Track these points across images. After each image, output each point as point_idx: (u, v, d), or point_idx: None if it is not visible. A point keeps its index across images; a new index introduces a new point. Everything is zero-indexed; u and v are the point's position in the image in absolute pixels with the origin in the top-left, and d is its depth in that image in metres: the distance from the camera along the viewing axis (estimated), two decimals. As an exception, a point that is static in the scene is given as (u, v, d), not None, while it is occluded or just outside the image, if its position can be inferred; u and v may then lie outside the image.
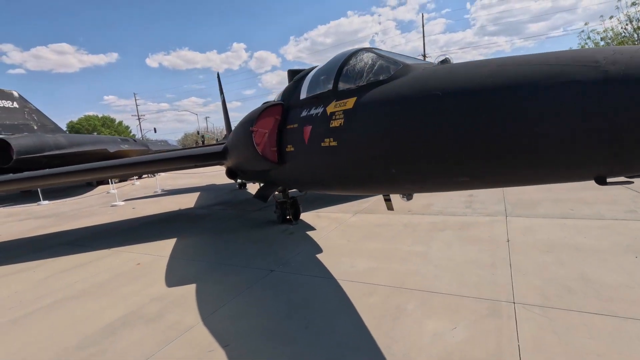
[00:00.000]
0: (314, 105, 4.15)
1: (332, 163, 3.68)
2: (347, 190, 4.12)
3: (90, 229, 9.64)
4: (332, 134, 3.54)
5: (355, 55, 3.82)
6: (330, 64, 4.25)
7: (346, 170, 3.55)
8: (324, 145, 3.69)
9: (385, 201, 4.94)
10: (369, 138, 3.04)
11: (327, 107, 3.77)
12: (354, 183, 3.67)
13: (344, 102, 3.47)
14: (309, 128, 4.06)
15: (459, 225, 6.51)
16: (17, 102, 20.34)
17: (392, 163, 2.84)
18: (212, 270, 5.41)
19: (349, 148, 3.34)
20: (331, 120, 3.58)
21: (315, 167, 4.12)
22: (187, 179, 22.06)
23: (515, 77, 1.98)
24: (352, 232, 6.75)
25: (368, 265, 5.02)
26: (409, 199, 3.81)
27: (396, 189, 3.30)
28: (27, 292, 5.25)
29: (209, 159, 8.20)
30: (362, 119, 3.17)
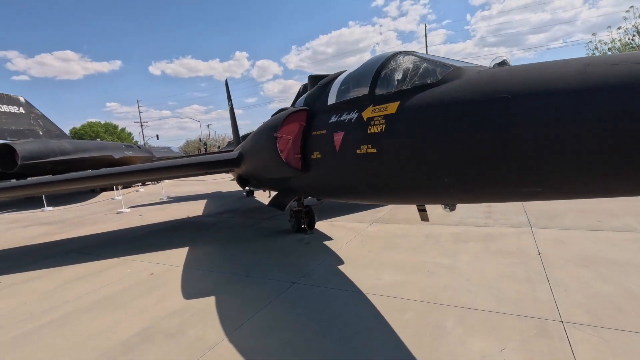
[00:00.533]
0: (346, 110, 3.98)
1: (369, 171, 3.49)
2: (382, 199, 3.92)
3: (97, 236, 9.42)
4: (370, 140, 3.36)
5: (393, 58, 3.67)
6: (364, 68, 4.09)
7: (386, 179, 3.36)
8: (359, 152, 3.50)
9: (419, 211, 4.73)
10: (418, 144, 2.86)
11: (362, 113, 3.60)
12: (394, 192, 3.47)
13: (384, 107, 3.30)
14: (340, 134, 3.88)
15: (483, 236, 6.28)
16: (24, 107, 20.30)
17: (445, 171, 2.65)
18: (230, 282, 5.18)
19: (391, 155, 3.16)
20: (369, 126, 3.40)
21: (347, 174, 3.93)
22: (192, 186, 21.88)
23: (606, 77, 1.81)
24: (372, 242, 6.53)
25: (395, 278, 4.79)
26: (452, 210, 3.61)
27: (444, 198, 3.11)
28: (36, 303, 5.02)
29: (222, 166, 8.02)
30: (408, 124, 2.99)
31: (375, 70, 3.68)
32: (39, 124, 21.04)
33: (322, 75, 5.66)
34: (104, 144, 26.25)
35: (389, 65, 3.64)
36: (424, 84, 3.02)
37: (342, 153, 3.86)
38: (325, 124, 4.37)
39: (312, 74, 6.13)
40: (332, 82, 4.72)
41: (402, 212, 8.88)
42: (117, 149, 25.48)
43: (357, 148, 3.53)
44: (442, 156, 2.64)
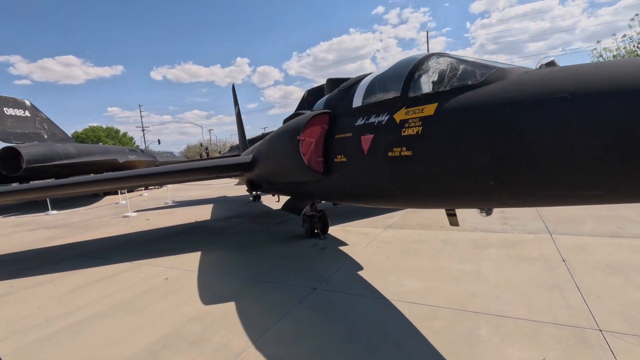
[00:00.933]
0: (375, 113, 3.92)
1: (403, 174, 3.41)
2: (414, 203, 3.83)
3: (106, 240, 9.31)
4: (404, 142, 3.29)
5: (427, 60, 3.61)
6: (395, 70, 4.04)
7: (422, 182, 3.28)
8: (391, 155, 3.42)
9: (448, 216, 4.63)
10: (461, 146, 2.78)
11: (394, 115, 3.53)
12: (429, 195, 3.39)
13: (419, 109, 3.23)
14: (369, 137, 3.81)
15: (502, 242, 6.19)
16: (29, 111, 20.29)
17: (492, 174, 2.57)
18: (248, 287, 5.07)
19: (429, 157, 3.08)
20: (402, 128, 3.33)
21: (377, 178, 3.84)
22: (196, 190, 21.79)
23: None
24: (389, 248, 6.43)
25: (418, 284, 4.69)
26: (488, 214, 3.53)
27: (486, 202, 3.02)
28: (50, 308, 4.91)
29: (235, 170, 7.94)
30: (449, 126, 2.91)
31: (408, 72, 3.62)
32: (44, 127, 21.02)
33: (342, 78, 5.62)
34: (108, 148, 26.22)
35: (422, 67, 3.58)
36: (465, 85, 2.96)
37: (371, 156, 3.79)
38: (350, 126, 4.30)
39: (330, 77, 6.08)
40: (357, 84, 4.66)
41: (415, 217, 8.79)
42: (121, 153, 25.45)
43: (389, 151, 3.46)
44: (490, 159, 2.56)
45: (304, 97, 31.75)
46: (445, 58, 3.45)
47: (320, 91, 29.58)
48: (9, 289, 5.90)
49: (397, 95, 3.67)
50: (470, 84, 2.93)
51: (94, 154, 22.50)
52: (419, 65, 3.61)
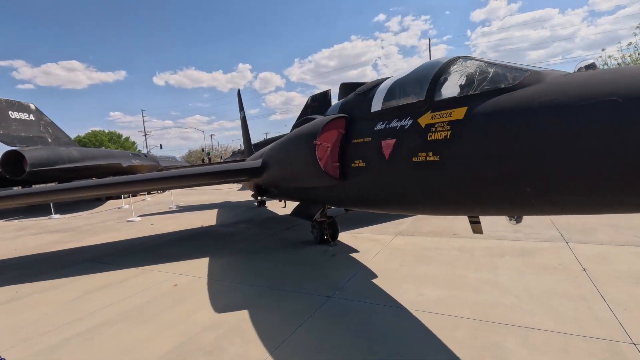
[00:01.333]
0: (396, 117, 3.84)
1: (428, 179, 3.32)
2: (438, 209, 3.72)
3: (111, 245, 9.20)
4: (430, 147, 3.20)
5: (452, 63, 3.54)
6: (418, 73, 3.96)
7: (449, 188, 3.18)
8: (416, 161, 3.33)
9: (471, 223, 4.51)
10: (495, 151, 2.69)
11: (418, 119, 3.45)
12: (457, 202, 3.29)
13: (447, 113, 3.15)
14: (390, 142, 3.73)
15: (517, 250, 6.06)
16: (34, 114, 20.28)
17: (529, 180, 2.47)
18: (261, 295, 4.95)
19: (459, 163, 2.99)
20: (428, 133, 3.25)
21: (399, 184, 3.75)
22: (200, 195, 21.72)
23: None
24: (402, 255, 6.31)
25: (437, 293, 4.56)
26: (518, 222, 3.43)
27: (520, 209, 2.92)
28: (58, 314, 4.79)
29: (244, 175, 7.85)
30: (481, 130, 2.82)
31: (433, 76, 3.55)
32: (48, 131, 21.00)
33: (356, 83, 5.56)
34: (112, 152, 26.20)
35: (448, 71, 3.51)
36: (498, 89, 2.88)
37: (393, 161, 3.70)
38: (369, 131, 4.21)
39: (344, 81, 6.02)
40: (375, 88, 4.59)
41: (425, 224, 8.67)
42: (125, 157, 25.41)
43: (414, 156, 3.37)
44: (529, 164, 2.46)
45: (308, 103, 31.76)
46: (472, 61, 3.38)
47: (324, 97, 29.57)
48: (14, 294, 5.78)
49: (421, 99, 3.59)
50: (503, 87, 2.85)
51: (97, 158, 22.46)
52: (445, 69, 3.54)
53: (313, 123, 5.17)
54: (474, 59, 3.40)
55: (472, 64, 3.34)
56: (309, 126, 5.13)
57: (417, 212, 4.13)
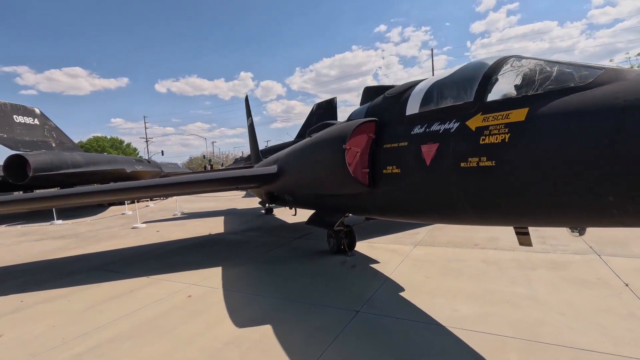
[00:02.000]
0: (438, 120, 3.60)
1: (482, 186, 3.06)
2: (486, 219, 3.44)
3: (117, 252, 8.90)
4: (484, 152, 2.96)
5: (504, 62, 3.31)
6: (462, 74, 3.74)
7: (507, 196, 2.92)
8: (465, 166, 3.09)
9: (517, 234, 4.21)
10: (568, 156, 2.44)
11: (467, 122, 3.22)
12: (512, 211, 3.03)
13: (503, 115, 2.92)
14: (432, 146, 3.49)
15: (549, 263, 5.78)
16: (38, 119, 20.14)
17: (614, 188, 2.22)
18: (282, 308, 4.65)
19: (521, 168, 2.74)
20: (481, 136, 3.01)
21: (443, 191, 3.49)
22: (204, 202, 21.44)
23: None
24: (426, 267, 6.01)
25: (473, 309, 4.27)
26: (581, 234, 3.16)
27: (595, 220, 2.63)
28: (66, 327, 4.49)
29: (259, 181, 7.58)
30: (550, 133, 2.58)
31: (483, 76, 3.33)
32: (53, 135, 20.82)
33: (382, 86, 5.34)
34: (115, 158, 26.00)
35: (500, 70, 3.28)
36: (566, 88, 2.64)
37: (436, 167, 3.45)
38: (405, 135, 3.98)
39: (368, 85, 5.80)
40: (409, 91, 4.36)
41: (442, 234, 8.39)
42: (128, 163, 25.20)
43: (462, 161, 3.13)
44: (614, 169, 2.21)
45: (313, 111, 31.83)
46: (528, 60, 3.16)
47: (330, 104, 29.69)
48: (19, 304, 5.48)
49: (469, 101, 3.36)
50: (572, 86, 2.62)
51: (101, 163, 22.23)
52: (495, 69, 3.31)
53: (341, 126, 4.92)
54: (530, 58, 3.18)
55: (528, 63, 3.12)
56: (336, 130, 4.89)
57: (459, 222, 3.85)
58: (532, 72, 3.01)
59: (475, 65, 3.64)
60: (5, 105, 18.37)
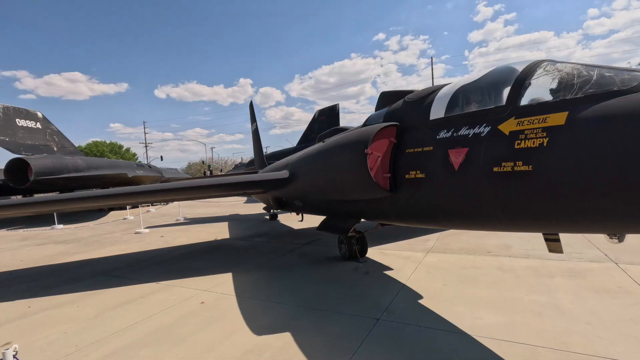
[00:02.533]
0: (467, 124, 3.56)
1: (516, 192, 3.01)
2: (519, 225, 3.37)
3: (123, 257, 8.77)
4: (519, 156, 2.92)
5: (537, 66, 3.29)
6: (492, 78, 3.72)
7: (545, 201, 2.87)
8: (498, 171, 3.05)
9: (547, 241, 4.12)
10: (617, 159, 2.39)
11: (499, 126, 3.18)
12: (550, 217, 2.97)
13: (540, 119, 2.88)
14: (461, 151, 3.44)
15: (566, 271, 5.71)
16: (41, 122, 20.05)
17: None
18: (300, 316, 4.55)
19: (561, 173, 2.69)
20: (516, 141, 2.97)
21: (473, 196, 3.44)
22: (206, 207, 21.31)
23: None
24: (441, 274, 5.94)
25: (495, 318, 4.19)
26: (621, 241, 3.11)
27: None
28: (79, 334, 4.37)
29: (266, 186, 7.51)
30: (594, 137, 2.53)
31: (515, 80, 3.30)
32: (54, 139, 20.72)
33: (401, 91, 5.31)
34: (117, 163, 25.86)
35: (534, 74, 3.25)
36: (608, 91, 2.61)
37: (465, 172, 3.40)
38: (430, 139, 3.94)
39: (384, 90, 5.78)
40: (432, 95, 4.33)
41: (453, 240, 8.33)
42: (130, 167, 25.09)
43: (495, 166, 3.08)
44: None
45: (315, 117, 31.77)
46: (565, 64, 3.13)
47: (332, 111, 29.67)
48: (26, 309, 5.36)
49: (501, 105, 3.32)
50: (615, 89, 2.59)
51: (102, 167, 22.10)
52: (529, 73, 3.28)
53: (361, 130, 4.88)
54: (565, 62, 3.16)
55: (564, 67, 3.09)
56: (356, 134, 4.84)
57: (487, 227, 3.79)
58: (570, 76, 2.98)
59: (505, 69, 3.62)
60: (8, 109, 18.29)
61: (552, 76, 3.14)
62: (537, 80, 3.23)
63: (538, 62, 3.33)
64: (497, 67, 3.79)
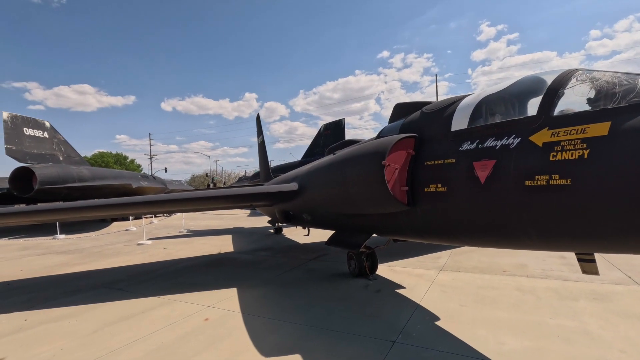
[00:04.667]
0: (493, 135, 3.39)
1: (552, 207, 2.81)
2: (552, 244, 3.14)
3: (124, 269, 8.54)
4: (555, 169, 2.73)
5: (572, 74, 3.14)
6: (519, 88, 3.57)
7: (587, 217, 2.66)
8: (531, 185, 2.85)
9: (581, 262, 3.82)
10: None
11: (531, 137, 3.01)
12: (591, 234, 2.75)
13: (578, 129, 2.70)
14: (487, 163, 3.26)
15: (590, 294, 5.41)
16: (48, 132, 20.16)
17: None
18: (310, 337, 4.28)
19: (606, 187, 2.49)
20: (551, 152, 2.80)
21: (502, 211, 3.23)
22: (208, 220, 21.11)
23: None
24: (456, 294, 5.65)
25: (520, 343, 3.91)
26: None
27: None
28: (76, 350, 4.13)
29: (273, 198, 7.33)
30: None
31: (547, 89, 3.14)
32: (61, 149, 20.78)
33: (416, 102, 5.17)
34: (121, 173, 25.87)
35: (567, 83, 3.10)
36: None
37: (492, 185, 3.21)
38: (452, 151, 3.76)
39: (399, 102, 5.64)
40: (453, 106, 4.18)
41: (465, 259, 8.04)
42: (134, 178, 25.06)
43: (528, 179, 2.89)
44: None
45: (321, 131, 31.73)
46: (602, 72, 2.98)
47: (338, 126, 29.65)
48: (23, 322, 5.12)
49: (532, 115, 3.16)
50: None
51: (107, 178, 22.09)
52: (563, 81, 3.13)
53: (377, 142, 4.71)
54: (602, 71, 3.01)
55: (603, 76, 2.94)
56: (373, 145, 4.66)
57: (515, 245, 3.55)
58: (610, 85, 2.83)
59: (534, 79, 3.47)
60: (16, 118, 18.42)
61: (589, 85, 2.99)
62: (572, 90, 3.08)
63: (572, 71, 3.18)
64: (525, 77, 3.64)
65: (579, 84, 3.06)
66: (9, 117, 17.98)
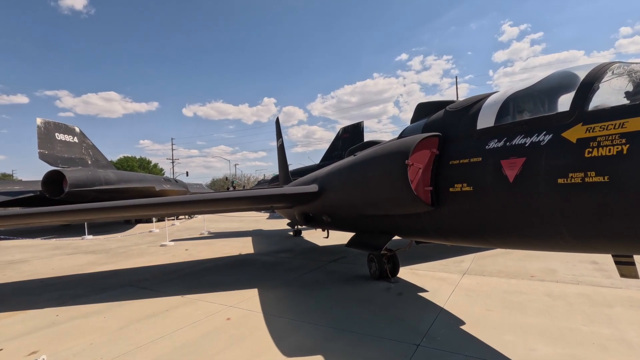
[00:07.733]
0: (522, 132, 3.29)
1: (589, 206, 2.69)
2: (587, 245, 3.00)
3: (149, 269, 8.76)
4: (592, 166, 2.62)
5: (607, 68, 3.02)
6: (550, 83, 3.46)
7: (627, 216, 2.53)
8: (564, 183, 2.74)
9: (618, 264, 3.63)
10: None
11: (563, 133, 2.90)
12: (631, 235, 2.62)
13: (615, 124, 2.59)
14: (516, 161, 3.16)
15: (625, 300, 5.13)
16: (77, 137, 21.04)
17: None
18: (332, 338, 4.25)
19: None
20: (586, 149, 2.68)
21: (533, 211, 3.12)
22: (228, 222, 21.41)
23: None
24: (482, 298, 5.48)
25: (552, 350, 3.74)
26: None
27: None
28: (104, 346, 4.25)
29: (294, 200, 7.37)
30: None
31: (581, 84, 3.02)
32: (89, 153, 21.65)
33: (438, 102, 5.08)
34: (145, 176, 26.67)
35: (602, 77, 2.98)
36: None
37: (523, 184, 3.10)
38: (478, 150, 3.66)
39: (421, 101, 5.57)
40: (478, 103, 4.08)
41: (489, 263, 7.80)
42: (158, 181, 25.80)
43: (561, 177, 2.78)
44: None
45: (339, 135, 31.67)
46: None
47: (356, 129, 29.54)
48: (55, 318, 5.33)
49: (564, 111, 3.04)
50: None
51: (132, 181, 22.83)
52: (598, 75, 3.00)
53: (400, 141, 4.65)
54: (630, 63, 2.87)
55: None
56: (395, 145, 4.60)
57: (547, 246, 3.41)
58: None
59: (565, 74, 3.35)
60: (48, 124, 19.34)
61: (627, 78, 2.85)
62: (608, 84, 2.94)
63: (607, 64, 3.04)
64: (555, 72, 3.51)
65: (615, 77, 2.93)
66: (42, 123, 18.89)
